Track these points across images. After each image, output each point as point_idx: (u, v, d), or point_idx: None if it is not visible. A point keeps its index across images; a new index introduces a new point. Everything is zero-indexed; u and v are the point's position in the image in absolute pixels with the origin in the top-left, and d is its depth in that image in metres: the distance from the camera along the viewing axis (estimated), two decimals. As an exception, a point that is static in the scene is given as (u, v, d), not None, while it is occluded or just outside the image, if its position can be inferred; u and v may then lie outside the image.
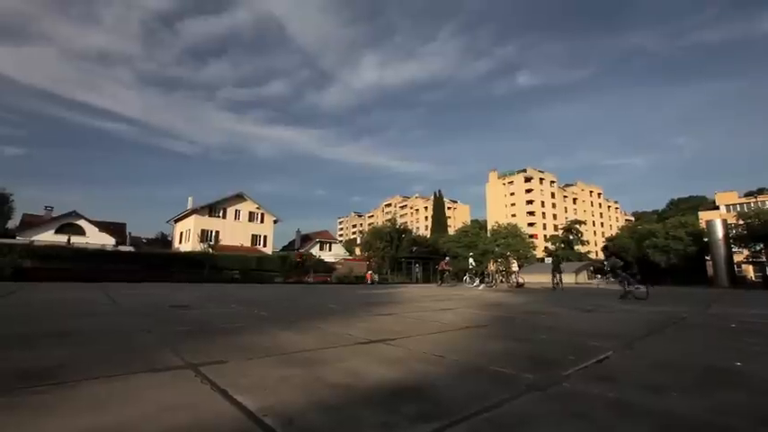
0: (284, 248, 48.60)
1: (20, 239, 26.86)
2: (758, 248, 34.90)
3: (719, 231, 32.41)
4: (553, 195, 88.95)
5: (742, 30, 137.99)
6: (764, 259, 35.85)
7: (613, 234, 66.41)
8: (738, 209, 50.58)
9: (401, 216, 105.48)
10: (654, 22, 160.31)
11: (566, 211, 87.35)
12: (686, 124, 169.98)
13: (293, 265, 22.19)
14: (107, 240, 34.13)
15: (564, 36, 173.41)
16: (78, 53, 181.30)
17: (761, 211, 34.40)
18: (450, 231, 63.80)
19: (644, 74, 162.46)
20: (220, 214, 39.23)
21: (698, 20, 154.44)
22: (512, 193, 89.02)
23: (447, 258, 22.66)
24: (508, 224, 53.12)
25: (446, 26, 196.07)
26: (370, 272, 28.07)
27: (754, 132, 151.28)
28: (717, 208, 62.16)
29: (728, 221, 35.09)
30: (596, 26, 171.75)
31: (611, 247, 12.63)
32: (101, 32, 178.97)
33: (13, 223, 35.02)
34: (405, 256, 36.51)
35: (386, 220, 53.23)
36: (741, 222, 35.03)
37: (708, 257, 36.07)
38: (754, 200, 53.75)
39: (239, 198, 40.82)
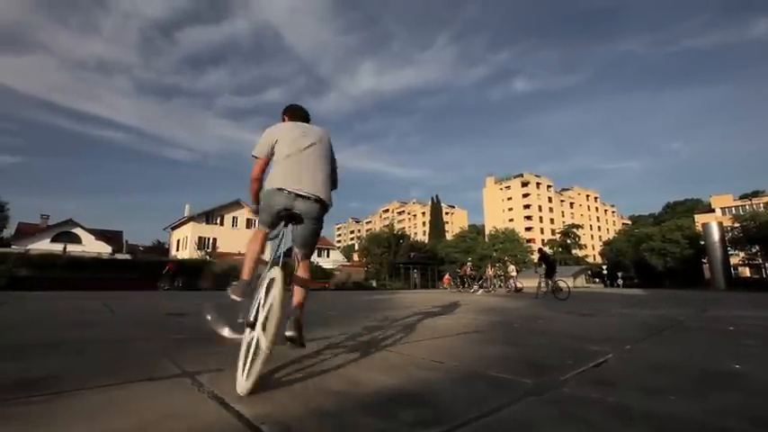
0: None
1: (15, 248, 26.67)
2: (754, 251, 35.06)
3: (715, 234, 32.57)
4: (550, 200, 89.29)
5: (733, 35, 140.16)
6: (761, 261, 35.99)
7: (610, 238, 66.59)
8: (734, 211, 50.82)
9: (399, 222, 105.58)
10: (646, 29, 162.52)
11: (563, 216, 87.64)
12: (681, 128, 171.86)
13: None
14: (103, 248, 33.95)
15: (558, 42, 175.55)
16: (77, 62, 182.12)
17: (756, 214, 34.59)
18: (448, 236, 63.88)
19: (638, 79, 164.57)
20: (218, 221, 39.15)
21: (689, 26, 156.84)
22: (509, 198, 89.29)
23: (470, 263, 22.61)
24: (505, 229, 53.29)
25: (442, 33, 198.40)
26: (447, 275, 27.64)
27: (748, 135, 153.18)
28: (712, 211, 62.44)
29: (724, 224, 35.28)
30: (589, 33, 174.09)
31: (543, 252, 13.41)
32: (99, 42, 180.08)
33: (8, 232, 34.76)
34: (403, 262, 36.48)
35: (384, 226, 53.27)
36: (737, 225, 35.22)
37: (704, 260, 36.22)
38: (749, 202, 54.07)
39: (237, 205, 40.74)
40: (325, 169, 2.32)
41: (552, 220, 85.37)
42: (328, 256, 48.82)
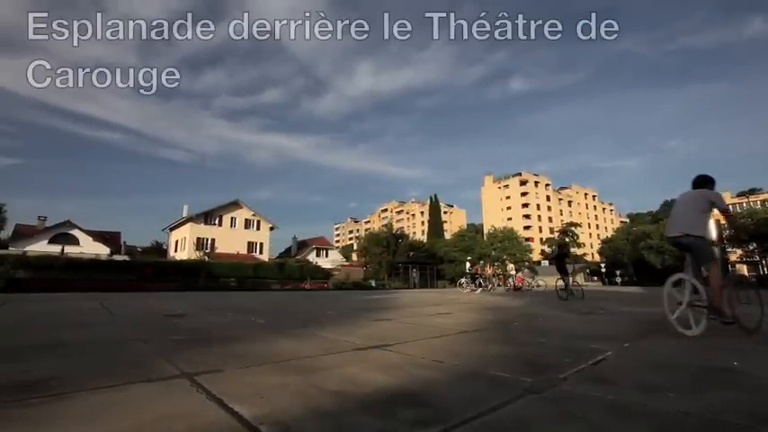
0: (281, 255, 48.42)
1: (12, 250, 26.56)
2: (751, 248, 35.22)
3: (713, 232, 32.73)
4: (548, 198, 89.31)
5: (729, 33, 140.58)
6: (758, 258, 36.12)
7: (609, 236, 66.68)
8: (731, 209, 51.00)
9: (397, 221, 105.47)
10: (643, 28, 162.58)
11: (561, 214, 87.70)
12: (678, 126, 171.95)
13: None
14: (101, 250, 33.80)
15: (555, 41, 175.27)
16: (74, 63, 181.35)
17: (753, 212, 34.72)
18: (447, 236, 63.88)
19: (635, 77, 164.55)
20: (216, 222, 39.02)
21: (685, 25, 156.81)
22: (507, 197, 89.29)
23: (481, 261, 22.50)
24: (504, 228, 53.24)
25: (440, 33, 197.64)
26: (520, 274, 27.13)
27: (745, 133, 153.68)
28: (710, 209, 62.50)
29: (722, 222, 35.46)
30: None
31: (567, 247, 12.88)
32: (97, 43, 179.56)
33: (5, 234, 34.53)
34: (402, 261, 36.48)
35: (382, 226, 53.18)
36: (734, 222, 35.29)
37: (702, 258, 36.33)
38: (746, 200, 54.19)
39: (235, 205, 40.65)
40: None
41: (551, 219, 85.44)
42: (327, 255, 48.78)
